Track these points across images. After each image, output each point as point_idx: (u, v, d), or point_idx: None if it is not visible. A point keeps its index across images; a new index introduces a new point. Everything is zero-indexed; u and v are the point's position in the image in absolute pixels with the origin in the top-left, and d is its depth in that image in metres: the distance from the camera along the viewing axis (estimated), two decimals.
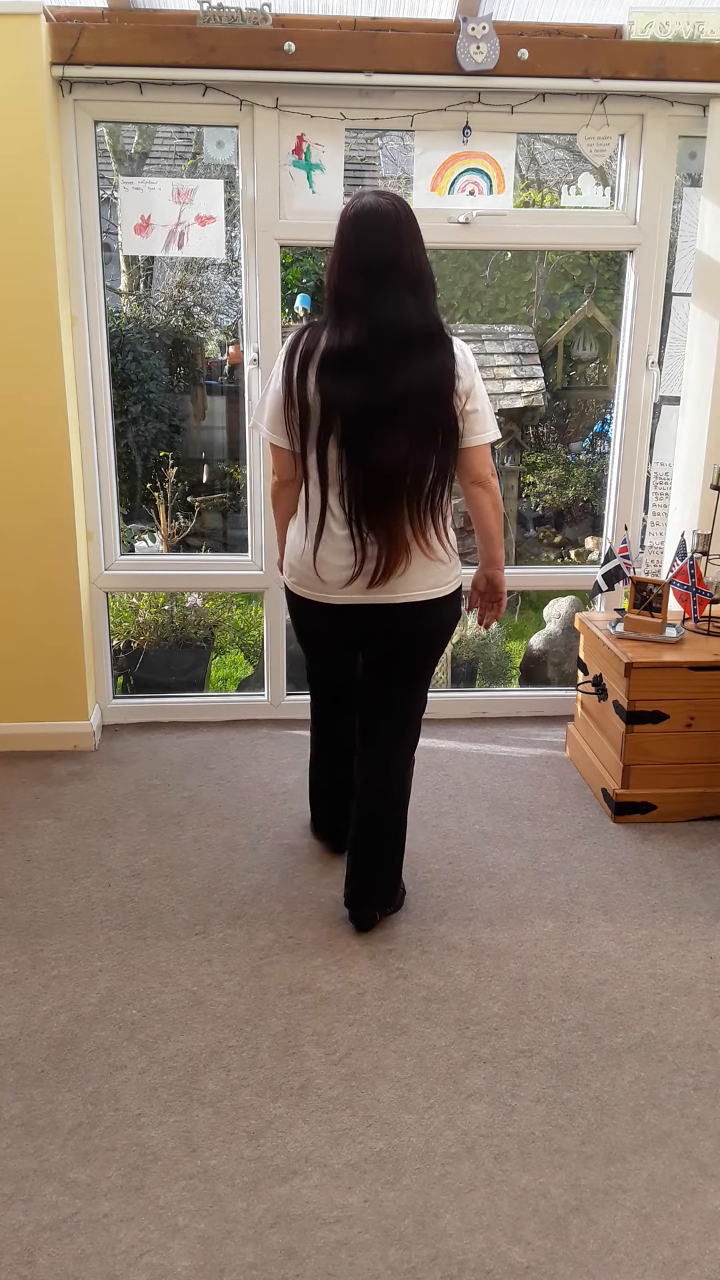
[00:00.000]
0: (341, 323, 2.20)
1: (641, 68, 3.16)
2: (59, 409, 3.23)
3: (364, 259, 2.19)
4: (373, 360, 2.18)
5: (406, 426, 2.21)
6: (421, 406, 2.21)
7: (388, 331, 2.18)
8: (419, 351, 2.20)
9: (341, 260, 2.22)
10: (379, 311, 2.17)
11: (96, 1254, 1.70)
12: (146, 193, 3.30)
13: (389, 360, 2.18)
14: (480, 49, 3.06)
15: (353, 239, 2.21)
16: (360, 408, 2.19)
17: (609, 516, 3.75)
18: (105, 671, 3.71)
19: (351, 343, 2.18)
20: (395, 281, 2.18)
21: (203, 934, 2.54)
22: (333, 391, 2.20)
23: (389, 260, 2.18)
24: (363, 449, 2.22)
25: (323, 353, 2.21)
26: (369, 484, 2.23)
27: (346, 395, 2.19)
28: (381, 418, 2.19)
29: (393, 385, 2.18)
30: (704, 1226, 1.77)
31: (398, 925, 2.58)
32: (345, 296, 2.20)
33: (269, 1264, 1.69)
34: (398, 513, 2.25)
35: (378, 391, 2.18)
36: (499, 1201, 1.81)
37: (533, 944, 2.52)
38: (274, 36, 3.04)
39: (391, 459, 2.21)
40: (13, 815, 3.11)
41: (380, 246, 2.18)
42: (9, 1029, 2.21)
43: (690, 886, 2.78)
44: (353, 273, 2.20)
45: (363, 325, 2.17)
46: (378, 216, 2.20)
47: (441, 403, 2.23)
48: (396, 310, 2.18)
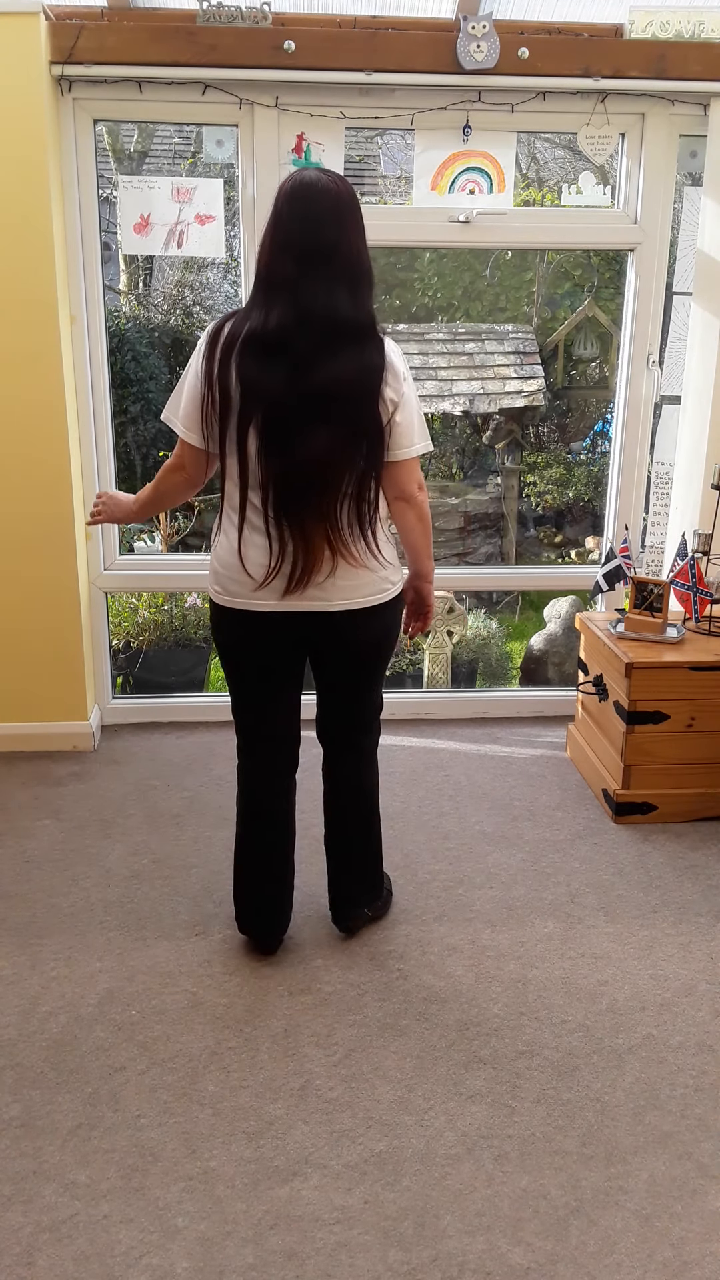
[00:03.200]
0: (267, 305, 2.04)
1: (642, 66, 3.15)
2: (58, 408, 3.22)
3: (297, 238, 2.03)
4: (298, 348, 2.02)
5: (328, 423, 2.05)
6: (345, 404, 2.05)
7: (314, 319, 2.02)
8: (347, 345, 2.04)
9: (273, 237, 2.06)
10: (307, 297, 2.01)
11: (96, 1255, 1.70)
12: (146, 192, 3.30)
13: (314, 350, 2.02)
14: (480, 48, 3.06)
15: (287, 215, 2.05)
16: (282, 397, 2.03)
17: (609, 516, 3.75)
18: (105, 672, 3.70)
19: (275, 327, 2.02)
20: (328, 267, 2.02)
21: (203, 934, 2.54)
22: (254, 378, 2.04)
23: (325, 244, 2.02)
24: (282, 443, 2.06)
25: (244, 337, 2.04)
26: (287, 481, 2.08)
27: (268, 383, 2.03)
28: (303, 411, 2.04)
29: (316, 377, 2.02)
30: (705, 1228, 1.76)
31: (397, 926, 2.57)
32: (273, 278, 2.04)
33: (269, 1265, 1.68)
34: (317, 513, 2.10)
35: (300, 382, 2.02)
36: (499, 1203, 1.80)
37: (533, 945, 2.51)
38: (274, 35, 3.03)
39: (312, 456, 2.05)
40: (12, 815, 3.10)
41: (316, 227, 2.03)
42: (8, 1030, 2.21)
43: (691, 887, 2.77)
44: (284, 252, 2.04)
45: (289, 309, 2.02)
46: (316, 193, 2.05)
47: (367, 403, 2.07)
48: (326, 298, 2.02)
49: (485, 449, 6.38)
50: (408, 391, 2.13)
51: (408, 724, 3.79)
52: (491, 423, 6.21)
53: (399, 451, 2.15)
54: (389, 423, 2.11)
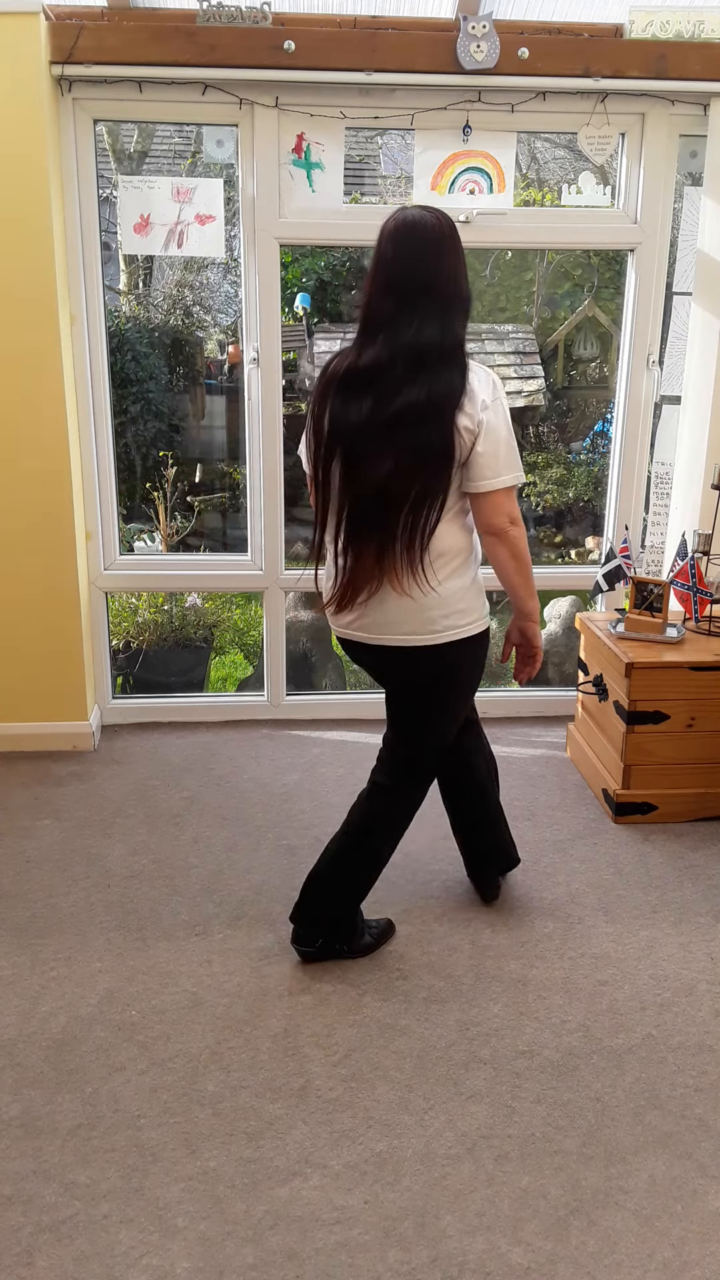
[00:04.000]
0: (363, 343, 2.11)
1: (642, 66, 3.15)
2: (58, 408, 3.22)
3: (399, 276, 2.07)
4: (384, 381, 2.07)
5: (394, 447, 2.06)
6: (413, 426, 2.05)
7: (407, 353, 2.06)
8: (427, 370, 2.06)
9: (375, 276, 2.10)
10: (404, 333, 2.06)
11: (96, 1255, 1.70)
12: (146, 192, 3.30)
13: (398, 381, 2.06)
14: (480, 48, 3.06)
15: (390, 253, 2.09)
16: (359, 430, 2.08)
17: (610, 516, 3.75)
18: (105, 672, 3.70)
19: (367, 364, 2.08)
20: (426, 303, 2.06)
21: (203, 935, 2.54)
22: (339, 415, 2.11)
23: (424, 280, 2.06)
24: (355, 470, 2.10)
25: (341, 375, 2.12)
26: (354, 504, 2.12)
27: (349, 418, 2.09)
28: (376, 437, 2.07)
29: (393, 405, 2.05)
30: (705, 1228, 1.76)
31: (398, 925, 2.57)
32: (374, 316, 2.09)
33: (269, 1265, 1.68)
34: (374, 535, 2.11)
35: (378, 412, 2.07)
36: (499, 1203, 1.80)
37: (533, 945, 2.51)
38: (274, 35, 3.03)
39: (375, 478, 2.07)
40: (12, 815, 3.10)
41: (417, 265, 2.06)
42: (8, 1030, 2.20)
43: (691, 887, 2.77)
44: (386, 290, 2.08)
45: (384, 346, 2.07)
46: (419, 231, 2.08)
47: (434, 425, 2.05)
48: (418, 332, 2.05)
49: None
50: (490, 419, 2.07)
51: None
52: None
53: (483, 483, 2.10)
54: (471, 452, 2.08)
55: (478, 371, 2.11)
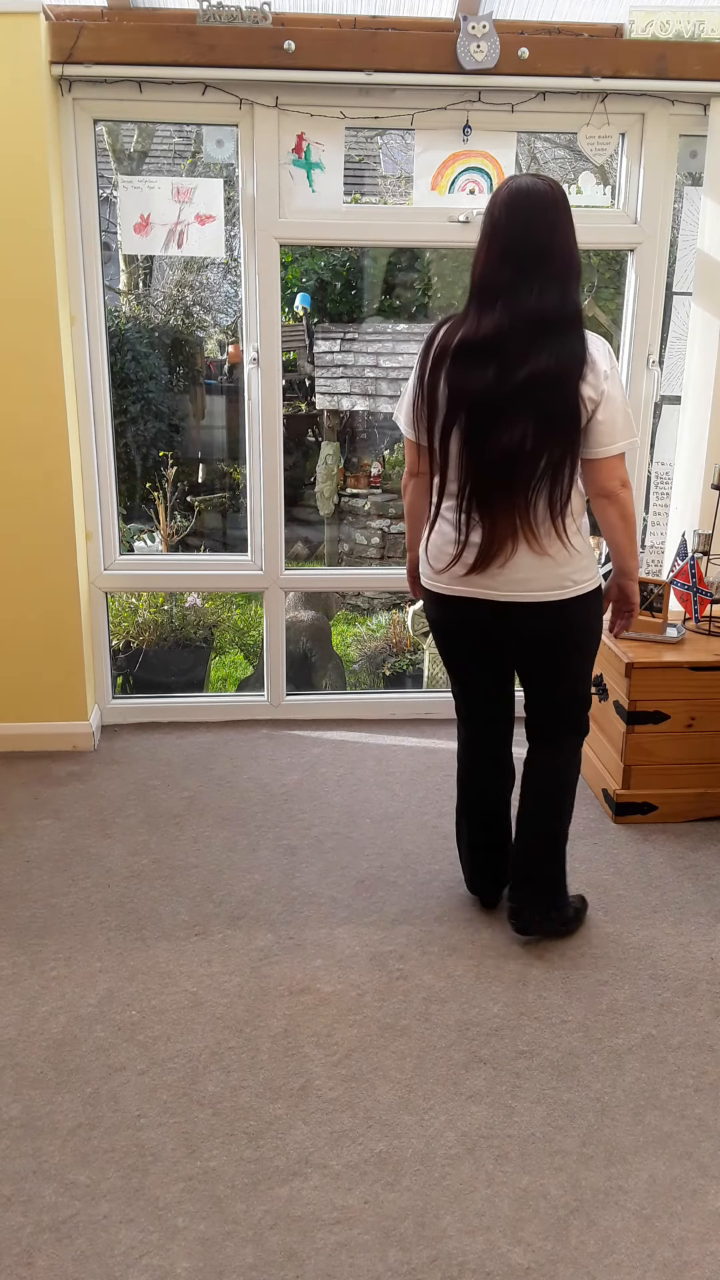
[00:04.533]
0: (481, 312, 2.12)
1: (642, 67, 3.15)
2: (58, 408, 3.22)
3: (514, 244, 2.09)
4: (507, 348, 2.09)
5: (526, 412, 2.11)
6: (543, 392, 2.10)
7: (525, 320, 2.09)
8: (552, 339, 2.09)
9: (490, 244, 2.12)
10: (524, 300, 2.08)
11: (96, 1255, 1.70)
12: (146, 192, 3.30)
13: (522, 349, 2.09)
14: (480, 48, 3.06)
15: (504, 221, 2.10)
16: (484, 396, 2.11)
17: None
18: (105, 672, 3.70)
19: (488, 332, 2.10)
20: (543, 268, 2.09)
21: (202, 934, 2.54)
22: (460, 382, 2.13)
23: (540, 246, 2.08)
24: (482, 437, 2.14)
25: (457, 343, 2.13)
26: (482, 471, 2.16)
27: (473, 385, 2.12)
28: (504, 404, 2.11)
29: (520, 373, 2.09)
30: (705, 1227, 1.76)
31: (397, 925, 2.58)
32: (490, 284, 2.11)
33: (269, 1265, 1.68)
34: (505, 500, 2.17)
35: (504, 379, 2.10)
36: (499, 1203, 1.80)
37: (533, 944, 2.51)
38: (274, 35, 3.03)
39: (506, 444, 2.12)
40: (12, 815, 3.10)
41: (532, 231, 2.09)
42: (8, 1029, 2.21)
43: (691, 887, 2.77)
44: (501, 258, 2.10)
45: (504, 314, 2.09)
46: (533, 198, 2.10)
47: (563, 392, 2.10)
48: (540, 299, 2.08)
49: None
50: (610, 388, 2.13)
51: (408, 724, 3.79)
52: None
53: (600, 449, 2.16)
54: (590, 420, 2.13)
55: (594, 340, 2.15)
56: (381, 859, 2.88)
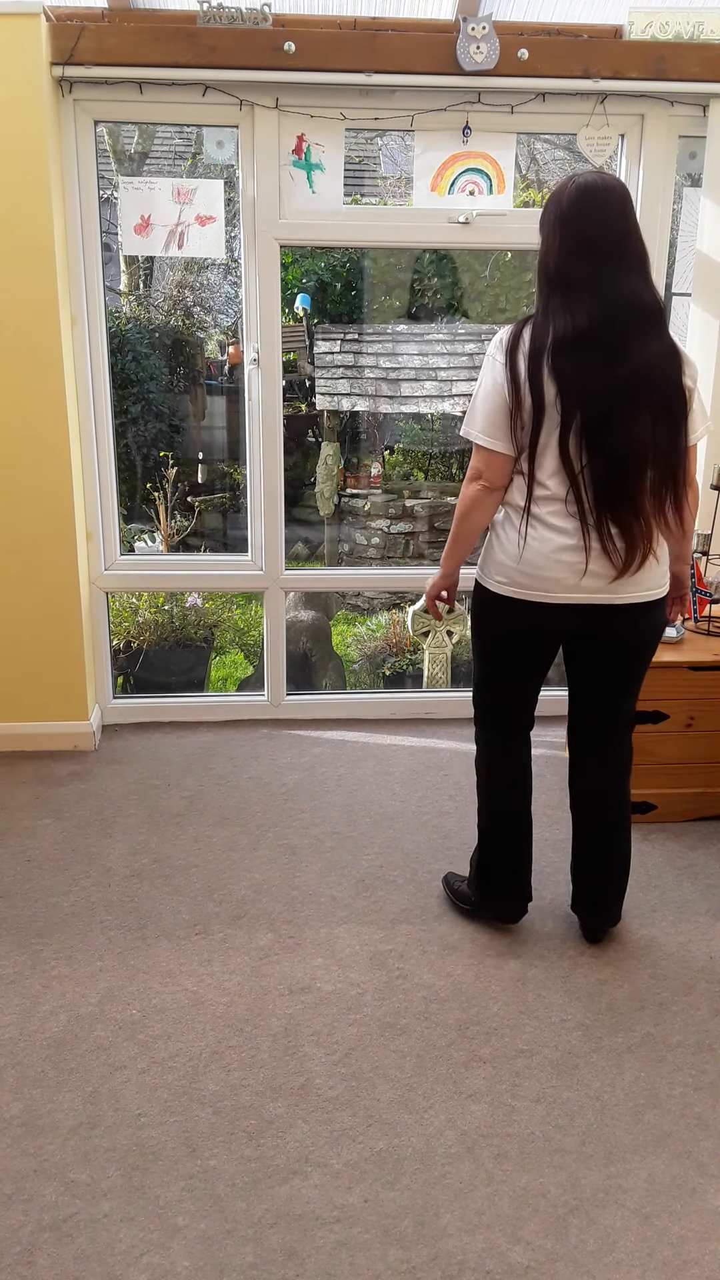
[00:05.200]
0: (570, 305, 2.07)
1: (641, 68, 3.15)
2: (59, 409, 3.23)
3: (590, 236, 2.07)
4: (611, 339, 2.06)
5: (649, 404, 2.08)
6: (659, 388, 2.09)
7: (621, 310, 2.06)
8: (652, 328, 2.09)
9: (564, 238, 2.09)
10: (610, 290, 2.06)
11: (96, 1254, 1.70)
12: (146, 193, 3.30)
13: (625, 340, 2.06)
14: (480, 49, 3.06)
15: (577, 215, 2.08)
16: (601, 389, 2.06)
17: None
18: (105, 671, 3.71)
19: (586, 324, 2.06)
20: (623, 258, 2.07)
21: (203, 934, 2.54)
22: (572, 377, 2.06)
23: (617, 237, 2.07)
24: (603, 434, 2.08)
25: (555, 339, 2.07)
26: (610, 469, 2.10)
27: (587, 379, 2.06)
28: (622, 399, 2.07)
29: (630, 365, 2.06)
30: (704, 1226, 1.77)
31: (397, 925, 2.58)
32: (571, 277, 2.08)
33: (269, 1264, 1.69)
34: (640, 501, 2.12)
35: (618, 370, 2.06)
36: (499, 1201, 1.81)
37: (533, 944, 2.52)
38: (274, 36, 3.04)
39: (637, 439, 2.08)
40: (13, 815, 3.11)
41: (608, 223, 2.07)
42: (9, 1029, 2.21)
43: (690, 886, 2.78)
44: (578, 251, 2.07)
45: (595, 305, 2.06)
46: (604, 192, 2.08)
47: (674, 382, 2.11)
48: (629, 288, 2.07)
49: None
50: (698, 383, 2.17)
51: (408, 724, 3.80)
52: None
53: (691, 437, 2.18)
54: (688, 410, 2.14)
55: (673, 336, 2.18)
56: (381, 859, 2.88)
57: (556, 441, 2.11)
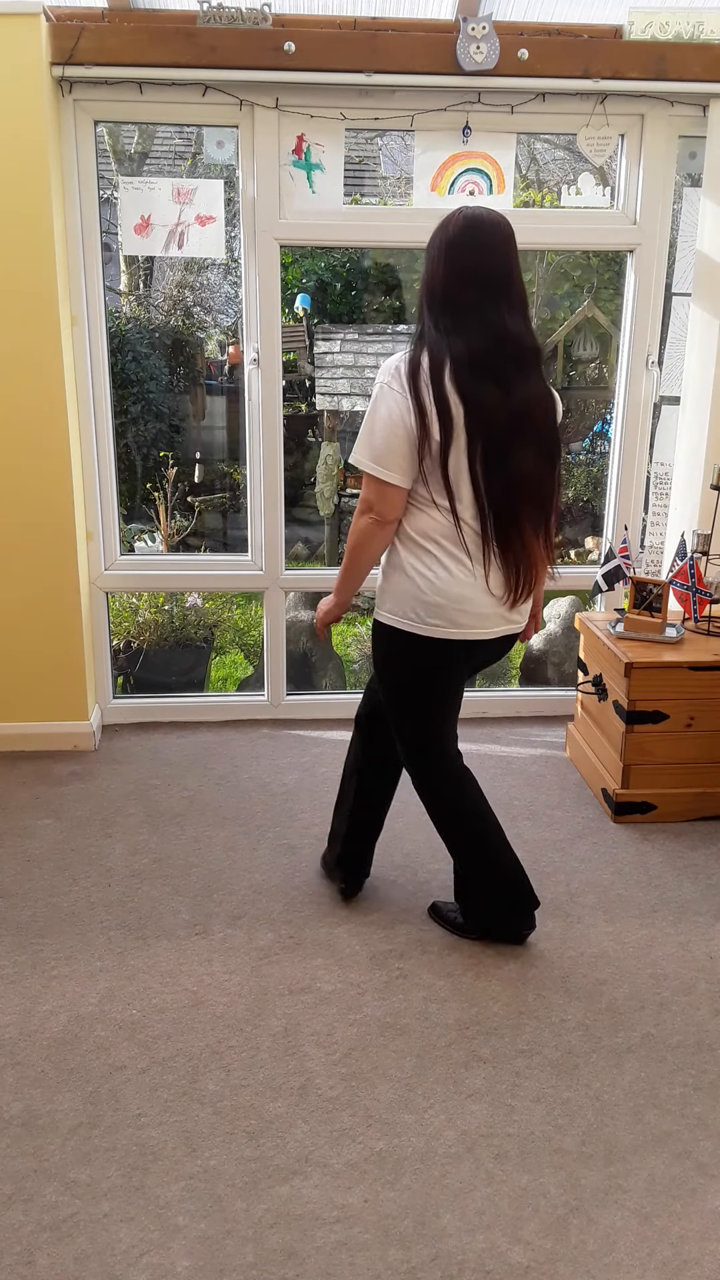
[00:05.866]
0: (458, 329, 2.10)
1: (641, 68, 3.16)
2: (59, 409, 3.23)
3: (477, 267, 2.10)
4: (499, 370, 2.10)
5: (532, 443, 2.15)
6: (541, 425, 2.16)
7: (507, 343, 2.11)
8: (532, 370, 2.14)
9: (449, 265, 2.11)
10: (495, 321, 2.10)
11: (96, 1254, 1.70)
12: (146, 193, 3.30)
13: (513, 373, 2.11)
14: (480, 49, 3.06)
15: (464, 244, 2.11)
16: (498, 416, 2.10)
17: (609, 516, 3.76)
18: (105, 671, 3.71)
19: (479, 350, 2.09)
20: (507, 294, 2.12)
21: (203, 934, 2.54)
22: (477, 397, 2.09)
23: (502, 272, 2.12)
24: (500, 463, 2.13)
25: (454, 359, 2.08)
26: (506, 498, 2.15)
27: (489, 400, 2.09)
28: (513, 431, 2.12)
29: (519, 397, 2.11)
30: (704, 1226, 1.77)
31: (397, 925, 2.58)
32: (457, 302, 2.11)
33: (269, 1264, 1.69)
34: (530, 532, 2.20)
35: (508, 403, 2.11)
36: (499, 1201, 1.81)
37: (533, 944, 2.52)
38: (274, 36, 3.04)
39: (525, 470, 2.14)
40: (13, 815, 3.11)
41: (494, 256, 2.11)
42: (9, 1028, 2.21)
43: (690, 886, 2.78)
44: (464, 280, 2.10)
45: (484, 334, 2.09)
46: (492, 226, 2.12)
47: (554, 423, 2.20)
48: (513, 324, 2.12)
49: None
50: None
51: None
52: None
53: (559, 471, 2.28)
54: None
55: None
56: (381, 859, 2.88)
57: (466, 468, 2.13)
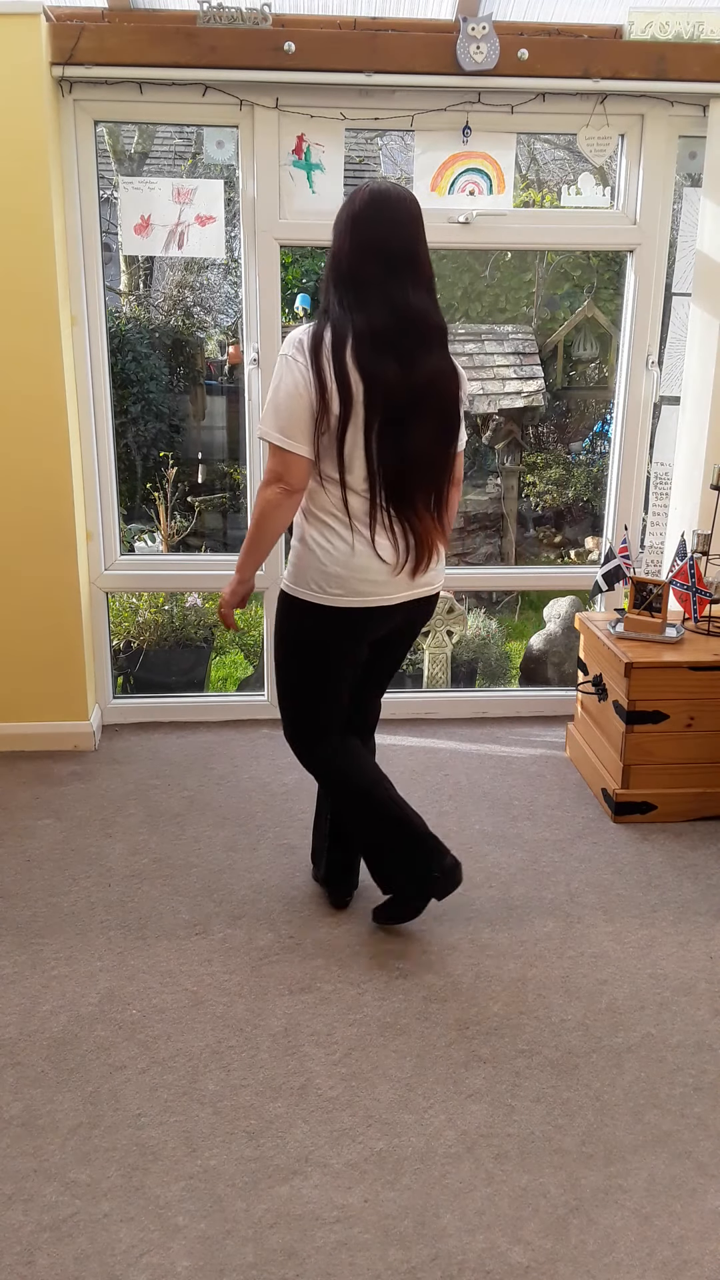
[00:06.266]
0: (363, 305, 2.10)
1: (641, 68, 3.16)
2: (59, 409, 3.23)
3: (383, 242, 2.10)
4: (402, 345, 2.11)
5: (430, 418, 2.19)
6: (442, 399, 2.20)
7: (411, 320, 2.12)
8: (436, 347, 2.17)
9: (355, 240, 2.11)
10: (400, 298, 2.10)
11: (96, 1254, 1.70)
12: (146, 193, 3.30)
13: (415, 348, 2.13)
14: (480, 49, 3.06)
15: (369, 218, 2.10)
16: (397, 391, 2.12)
17: (609, 516, 3.76)
18: (105, 671, 3.71)
19: (381, 325, 2.10)
20: (414, 272, 2.12)
21: (203, 934, 2.54)
22: (375, 372, 2.09)
23: (409, 249, 2.11)
24: (396, 437, 2.15)
25: (356, 334, 2.09)
26: (400, 470, 2.17)
27: (388, 376, 2.10)
28: (411, 406, 2.14)
29: (420, 374, 2.13)
30: (704, 1226, 1.77)
31: (397, 925, 2.58)
32: (361, 277, 2.10)
33: (269, 1264, 1.69)
34: (424, 503, 2.25)
35: (409, 377, 2.12)
36: (499, 1201, 1.81)
37: (533, 944, 2.52)
38: (274, 36, 3.04)
39: (421, 444, 2.18)
40: (13, 815, 3.11)
41: (400, 233, 2.11)
42: (9, 1029, 2.21)
43: (690, 886, 2.78)
44: (369, 255, 2.10)
45: (387, 310, 2.10)
46: (397, 201, 2.11)
47: (454, 400, 2.23)
48: (418, 300, 2.13)
49: (485, 449, 6.38)
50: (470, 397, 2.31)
51: (408, 724, 3.80)
52: (491, 423, 6.22)
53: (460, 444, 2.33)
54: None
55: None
56: None
57: (363, 442, 2.14)
